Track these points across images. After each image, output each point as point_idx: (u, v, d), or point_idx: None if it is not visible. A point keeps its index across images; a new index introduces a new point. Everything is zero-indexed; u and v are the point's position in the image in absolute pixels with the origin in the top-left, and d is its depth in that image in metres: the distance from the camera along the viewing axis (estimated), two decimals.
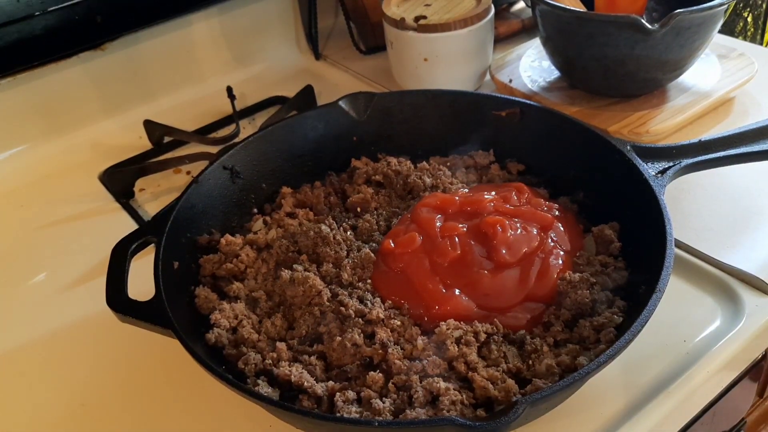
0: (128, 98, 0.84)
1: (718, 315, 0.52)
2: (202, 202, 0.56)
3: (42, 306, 0.61)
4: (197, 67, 0.88)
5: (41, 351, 0.56)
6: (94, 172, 0.76)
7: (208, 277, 0.54)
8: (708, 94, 0.71)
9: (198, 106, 0.86)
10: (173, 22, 0.83)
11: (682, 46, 0.65)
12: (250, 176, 0.61)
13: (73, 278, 0.63)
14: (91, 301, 0.59)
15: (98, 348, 0.56)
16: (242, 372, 0.46)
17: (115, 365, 0.54)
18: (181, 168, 0.75)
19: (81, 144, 0.80)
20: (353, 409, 0.43)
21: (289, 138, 0.62)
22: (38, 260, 0.66)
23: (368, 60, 0.93)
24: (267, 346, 0.48)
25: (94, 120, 0.82)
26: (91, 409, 0.51)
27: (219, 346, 0.49)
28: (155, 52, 0.84)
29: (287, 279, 0.51)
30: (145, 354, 0.54)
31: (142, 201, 0.72)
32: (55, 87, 0.78)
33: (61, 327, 0.58)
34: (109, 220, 0.70)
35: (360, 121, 0.64)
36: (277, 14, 0.93)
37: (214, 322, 0.50)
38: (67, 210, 0.71)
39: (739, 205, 0.61)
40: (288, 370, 0.45)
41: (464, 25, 0.75)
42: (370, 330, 0.48)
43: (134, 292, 0.48)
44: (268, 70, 0.92)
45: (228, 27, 0.89)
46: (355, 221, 0.58)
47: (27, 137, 0.79)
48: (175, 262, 0.51)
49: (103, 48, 0.80)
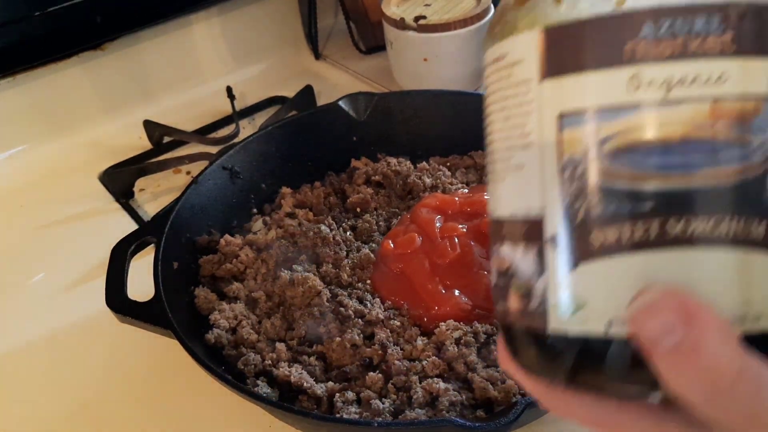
0: (128, 98, 0.84)
1: None
2: (201, 202, 0.56)
3: (41, 306, 0.61)
4: (197, 67, 0.88)
5: (40, 351, 0.56)
6: (94, 172, 0.76)
7: (207, 277, 0.54)
8: None
9: (198, 106, 0.86)
10: (173, 22, 0.83)
11: None
12: (249, 176, 0.61)
13: (72, 278, 0.63)
14: (91, 302, 0.59)
15: (98, 348, 0.56)
16: (242, 372, 0.46)
17: (115, 366, 0.54)
18: (180, 168, 0.75)
19: (80, 144, 0.80)
20: (353, 409, 0.43)
21: (288, 138, 0.62)
22: (37, 260, 0.66)
23: (368, 60, 0.93)
24: (266, 346, 0.48)
25: (94, 120, 0.82)
26: (91, 409, 0.51)
27: (218, 346, 0.49)
28: (155, 52, 0.84)
29: (287, 279, 0.51)
30: (145, 354, 0.54)
31: (141, 201, 0.72)
32: (54, 87, 0.78)
33: (60, 327, 0.58)
34: (108, 220, 0.70)
35: (360, 121, 0.64)
36: (277, 14, 0.92)
37: (214, 322, 0.50)
38: (66, 210, 0.71)
39: None
40: (287, 370, 0.45)
41: (464, 25, 0.75)
42: (370, 331, 0.48)
43: (134, 292, 0.48)
44: (267, 70, 0.92)
45: (228, 27, 0.89)
46: (355, 221, 0.58)
47: (27, 137, 0.79)
48: (174, 263, 0.51)
49: (103, 48, 0.80)
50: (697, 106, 0.21)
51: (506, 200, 0.25)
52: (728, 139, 0.21)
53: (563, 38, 0.22)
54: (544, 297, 0.23)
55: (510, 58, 0.24)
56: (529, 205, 0.24)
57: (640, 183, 0.21)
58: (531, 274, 0.24)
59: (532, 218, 0.23)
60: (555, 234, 0.23)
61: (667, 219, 0.21)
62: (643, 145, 0.21)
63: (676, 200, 0.21)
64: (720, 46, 0.21)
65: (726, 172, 0.21)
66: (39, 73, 0.77)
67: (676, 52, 0.21)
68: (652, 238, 0.21)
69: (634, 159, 0.21)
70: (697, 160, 0.21)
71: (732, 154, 0.21)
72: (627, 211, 0.21)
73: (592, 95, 0.22)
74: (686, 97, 0.21)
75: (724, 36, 0.21)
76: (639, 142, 0.21)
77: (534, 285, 0.23)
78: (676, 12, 0.21)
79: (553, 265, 0.23)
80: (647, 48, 0.21)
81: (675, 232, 0.21)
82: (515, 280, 0.24)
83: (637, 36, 0.21)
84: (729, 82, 0.21)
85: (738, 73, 0.21)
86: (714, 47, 0.21)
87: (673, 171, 0.21)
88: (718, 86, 0.21)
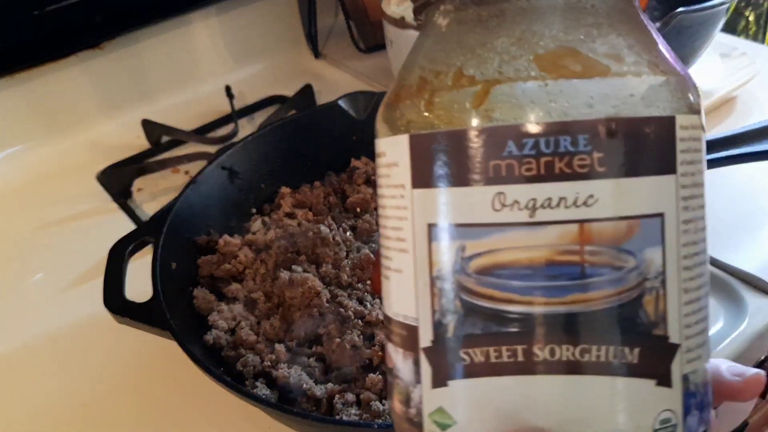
0: (126, 97, 0.83)
1: (720, 316, 0.52)
2: (200, 202, 0.56)
3: (39, 307, 0.60)
4: (196, 66, 0.88)
5: (38, 352, 0.56)
6: (92, 171, 0.76)
7: (206, 278, 0.54)
8: (710, 93, 0.71)
9: (196, 105, 0.85)
10: (172, 21, 0.83)
11: (684, 45, 0.65)
12: (248, 176, 0.60)
13: (70, 279, 0.63)
14: (89, 302, 0.58)
15: (95, 349, 0.55)
16: (241, 374, 0.46)
17: (113, 367, 0.54)
18: (179, 168, 0.74)
19: (79, 143, 0.80)
20: (352, 411, 0.43)
21: (288, 138, 0.62)
22: (35, 261, 0.66)
23: (368, 59, 0.92)
24: (266, 347, 0.48)
25: (92, 119, 0.82)
26: (88, 410, 0.51)
27: (217, 347, 0.48)
28: (154, 51, 0.83)
29: (286, 280, 0.51)
30: (143, 356, 0.53)
31: (140, 201, 0.72)
32: (52, 86, 0.78)
33: (58, 328, 0.58)
34: (106, 220, 0.69)
35: (360, 120, 0.64)
36: (277, 13, 0.92)
37: (212, 323, 0.49)
38: (64, 210, 0.71)
39: (742, 206, 0.60)
40: (287, 371, 0.45)
41: None
42: (370, 332, 0.47)
43: (132, 293, 0.47)
44: (267, 69, 0.92)
45: (227, 26, 0.88)
46: (355, 221, 0.58)
47: (24, 137, 0.79)
48: (173, 263, 0.51)
49: (102, 47, 0.80)
50: (565, 229, 0.20)
51: (391, 299, 0.24)
52: (599, 263, 0.20)
53: (429, 148, 0.21)
54: (420, 408, 0.22)
55: (389, 158, 0.23)
56: (407, 312, 0.22)
57: (505, 305, 0.20)
58: (409, 382, 0.23)
59: (410, 325, 0.22)
60: (427, 347, 0.22)
61: (532, 344, 0.20)
62: (509, 267, 0.20)
63: (543, 326, 0.20)
64: (588, 166, 0.20)
65: (596, 297, 0.20)
66: (37, 73, 0.76)
67: (541, 173, 0.20)
68: (519, 363, 0.20)
69: (499, 280, 0.20)
70: (565, 284, 0.20)
71: (603, 279, 0.20)
72: (492, 333, 0.20)
73: (458, 211, 0.21)
74: (552, 219, 0.20)
75: (592, 156, 0.20)
76: (504, 263, 0.20)
77: (411, 393, 0.23)
78: (541, 130, 0.20)
79: (425, 377, 0.22)
80: (511, 167, 0.20)
81: (541, 358, 0.20)
82: (398, 382, 0.23)
83: (500, 154, 0.20)
84: (598, 204, 0.20)
85: (608, 195, 0.20)
86: (582, 168, 0.20)
87: (539, 295, 0.20)
88: (587, 208, 0.20)
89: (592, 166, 0.20)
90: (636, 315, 0.20)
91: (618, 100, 0.20)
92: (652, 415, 0.20)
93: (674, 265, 0.21)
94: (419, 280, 0.22)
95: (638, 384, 0.20)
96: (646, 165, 0.20)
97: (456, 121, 0.21)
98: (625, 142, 0.20)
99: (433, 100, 0.21)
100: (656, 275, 0.20)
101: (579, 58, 0.20)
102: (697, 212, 0.22)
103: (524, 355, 0.20)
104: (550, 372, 0.20)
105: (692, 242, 0.22)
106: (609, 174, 0.20)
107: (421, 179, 0.22)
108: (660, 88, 0.21)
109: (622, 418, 0.20)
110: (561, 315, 0.20)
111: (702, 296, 0.23)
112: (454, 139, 0.21)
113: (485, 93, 0.20)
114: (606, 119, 0.20)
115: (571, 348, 0.20)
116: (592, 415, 0.20)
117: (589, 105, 0.20)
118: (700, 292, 0.22)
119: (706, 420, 0.22)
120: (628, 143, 0.20)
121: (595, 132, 0.20)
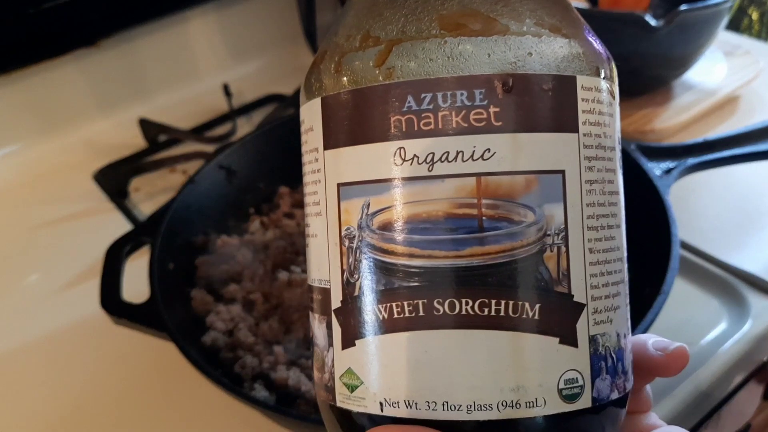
0: (123, 96, 0.83)
1: (723, 317, 0.52)
2: (197, 202, 0.56)
3: (35, 308, 0.60)
4: (193, 65, 0.87)
5: (34, 353, 0.56)
6: (88, 171, 0.75)
7: (203, 278, 0.54)
8: (713, 91, 0.71)
9: (194, 104, 0.85)
10: (169, 18, 0.82)
11: (687, 43, 0.65)
12: (246, 176, 0.60)
13: (66, 279, 0.62)
14: (85, 303, 0.58)
15: (92, 351, 0.55)
16: (239, 376, 0.46)
17: (110, 368, 0.53)
18: (176, 167, 0.74)
19: (75, 143, 0.80)
20: None
21: (286, 137, 0.61)
22: (31, 261, 0.65)
23: None
24: (264, 349, 0.48)
25: (88, 118, 0.81)
26: (84, 412, 0.50)
27: (215, 349, 0.48)
28: (151, 49, 0.83)
29: (285, 281, 0.50)
30: (140, 357, 0.53)
31: (136, 201, 0.71)
32: (48, 85, 0.77)
33: (54, 329, 0.57)
34: (103, 220, 0.69)
35: None
36: (275, 10, 0.92)
37: (210, 324, 0.49)
38: (60, 210, 0.71)
39: (746, 206, 0.60)
40: (285, 373, 0.45)
41: None
42: None
43: (129, 294, 0.47)
44: (265, 68, 0.92)
45: (224, 23, 0.88)
46: None
47: (20, 136, 0.78)
48: (170, 264, 0.50)
49: (98, 45, 0.79)
50: (462, 182, 0.20)
51: (311, 267, 0.24)
52: (496, 216, 0.20)
53: (337, 109, 0.22)
54: (332, 371, 0.22)
55: (306, 123, 0.24)
56: (322, 276, 0.23)
57: (407, 259, 0.21)
58: (323, 347, 0.23)
59: (324, 287, 0.23)
60: (337, 308, 0.22)
61: (432, 299, 0.20)
62: (410, 221, 0.20)
63: (442, 280, 0.20)
64: (485, 120, 0.20)
65: (494, 250, 0.20)
66: (32, 71, 0.76)
67: (439, 127, 0.20)
68: (420, 318, 0.20)
69: (401, 235, 0.21)
70: (464, 237, 0.20)
71: (501, 233, 0.20)
72: (395, 289, 0.21)
73: (363, 168, 0.21)
74: (450, 172, 0.20)
75: (488, 110, 0.20)
76: (405, 217, 0.20)
77: (325, 358, 0.23)
78: (438, 85, 0.20)
79: (336, 340, 0.22)
80: (410, 122, 0.20)
81: (441, 313, 0.20)
82: (316, 350, 0.24)
83: (401, 109, 0.20)
84: (495, 157, 0.20)
85: (505, 149, 0.20)
86: (478, 122, 0.20)
87: (438, 249, 0.20)
88: (484, 162, 0.20)
89: (488, 120, 0.20)
90: (536, 270, 0.20)
91: (516, 58, 0.20)
92: (556, 374, 0.20)
93: (578, 224, 0.21)
94: (330, 241, 0.22)
95: (540, 341, 0.20)
96: (544, 122, 0.21)
97: (360, 80, 0.21)
98: (521, 98, 0.20)
99: (341, 62, 0.22)
100: (557, 231, 0.21)
101: (479, 18, 0.21)
102: (606, 174, 0.22)
103: (425, 309, 0.20)
104: (449, 326, 0.20)
105: (599, 203, 0.22)
106: (506, 128, 0.20)
107: (331, 140, 0.22)
108: (560, 49, 0.21)
109: (524, 375, 0.20)
110: (460, 268, 0.20)
111: (613, 260, 0.23)
112: (359, 97, 0.21)
113: (388, 51, 0.21)
114: (502, 74, 0.20)
115: (470, 302, 0.20)
116: (494, 370, 0.20)
117: (487, 62, 0.20)
118: (609, 254, 0.22)
119: (621, 387, 0.22)
120: (525, 99, 0.20)
121: (491, 87, 0.20)
